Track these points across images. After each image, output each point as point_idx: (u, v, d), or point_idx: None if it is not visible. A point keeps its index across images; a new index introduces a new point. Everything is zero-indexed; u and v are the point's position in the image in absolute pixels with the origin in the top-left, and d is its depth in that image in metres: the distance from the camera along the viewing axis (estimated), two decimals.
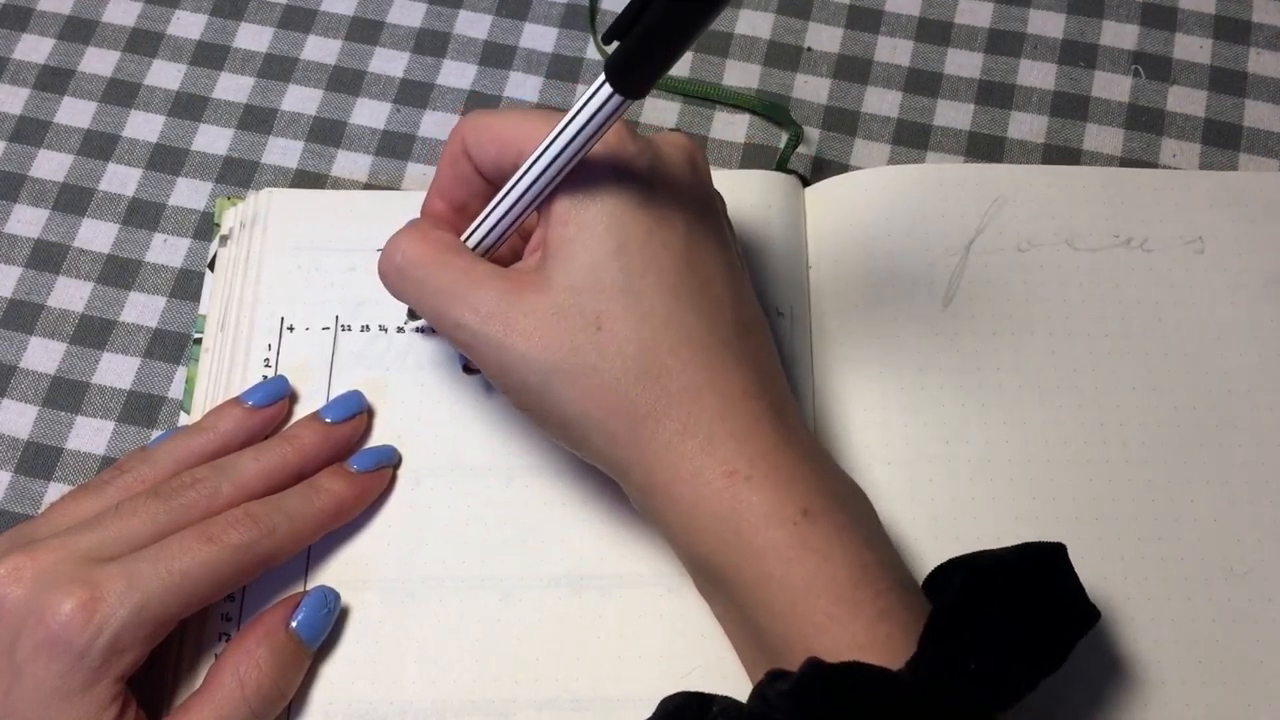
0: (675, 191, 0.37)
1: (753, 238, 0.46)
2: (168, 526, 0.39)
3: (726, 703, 0.35)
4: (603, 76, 0.33)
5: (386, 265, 0.38)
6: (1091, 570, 0.41)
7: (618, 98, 0.33)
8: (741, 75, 0.52)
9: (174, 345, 0.48)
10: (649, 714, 0.35)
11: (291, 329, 0.46)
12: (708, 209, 0.38)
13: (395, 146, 0.51)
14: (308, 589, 0.41)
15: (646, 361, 0.35)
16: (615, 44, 0.32)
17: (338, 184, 0.51)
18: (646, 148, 0.36)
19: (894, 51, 0.52)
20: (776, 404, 0.36)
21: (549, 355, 0.35)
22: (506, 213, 0.37)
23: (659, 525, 0.36)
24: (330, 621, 0.41)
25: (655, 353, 0.35)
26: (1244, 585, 0.41)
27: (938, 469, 0.43)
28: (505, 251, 0.39)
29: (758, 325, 0.38)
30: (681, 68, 0.52)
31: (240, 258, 0.47)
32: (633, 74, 0.32)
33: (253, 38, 0.54)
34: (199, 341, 0.47)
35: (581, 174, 0.35)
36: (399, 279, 0.38)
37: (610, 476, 0.38)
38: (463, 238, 0.38)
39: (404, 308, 0.45)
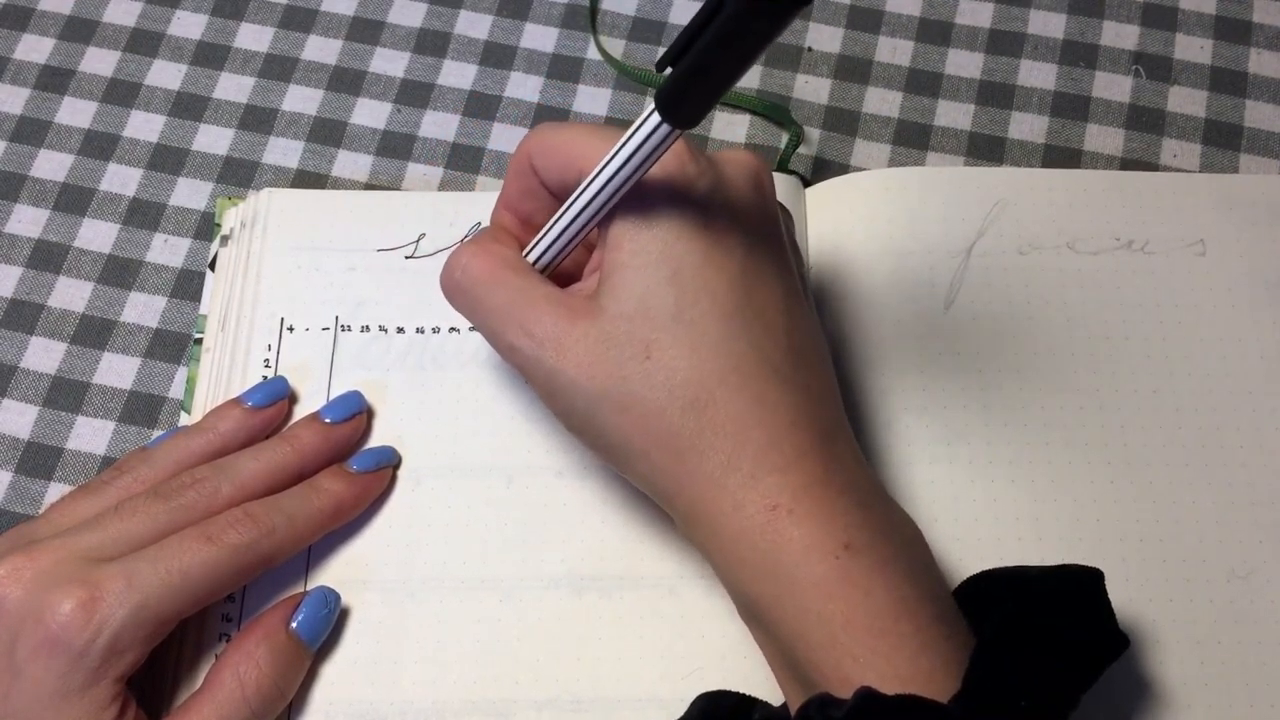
0: (735, 214, 0.35)
1: None
2: (167, 527, 0.39)
3: (768, 711, 0.35)
4: (652, 105, 0.32)
5: (447, 280, 0.38)
6: None
7: (666, 127, 0.32)
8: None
9: (174, 345, 0.48)
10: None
11: (291, 329, 0.46)
12: (769, 231, 0.37)
13: (396, 146, 0.51)
14: (308, 589, 0.41)
15: (694, 392, 0.34)
16: (668, 72, 0.31)
17: (338, 184, 0.51)
18: (708, 169, 0.35)
19: (894, 52, 0.52)
20: (826, 433, 0.35)
21: (597, 383, 0.35)
22: (564, 232, 0.36)
23: (702, 553, 0.36)
24: (330, 622, 0.41)
25: (703, 383, 0.34)
26: (1245, 587, 0.41)
27: (938, 470, 0.43)
28: (569, 264, 0.39)
29: (814, 351, 0.37)
30: None
31: (241, 258, 0.47)
32: (683, 104, 0.31)
33: (253, 38, 0.54)
34: (199, 341, 0.47)
35: (639, 197, 0.34)
36: (457, 294, 0.38)
37: (655, 501, 0.37)
38: (524, 252, 0.38)
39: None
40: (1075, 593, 0.36)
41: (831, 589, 0.33)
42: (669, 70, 0.31)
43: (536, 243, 0.38)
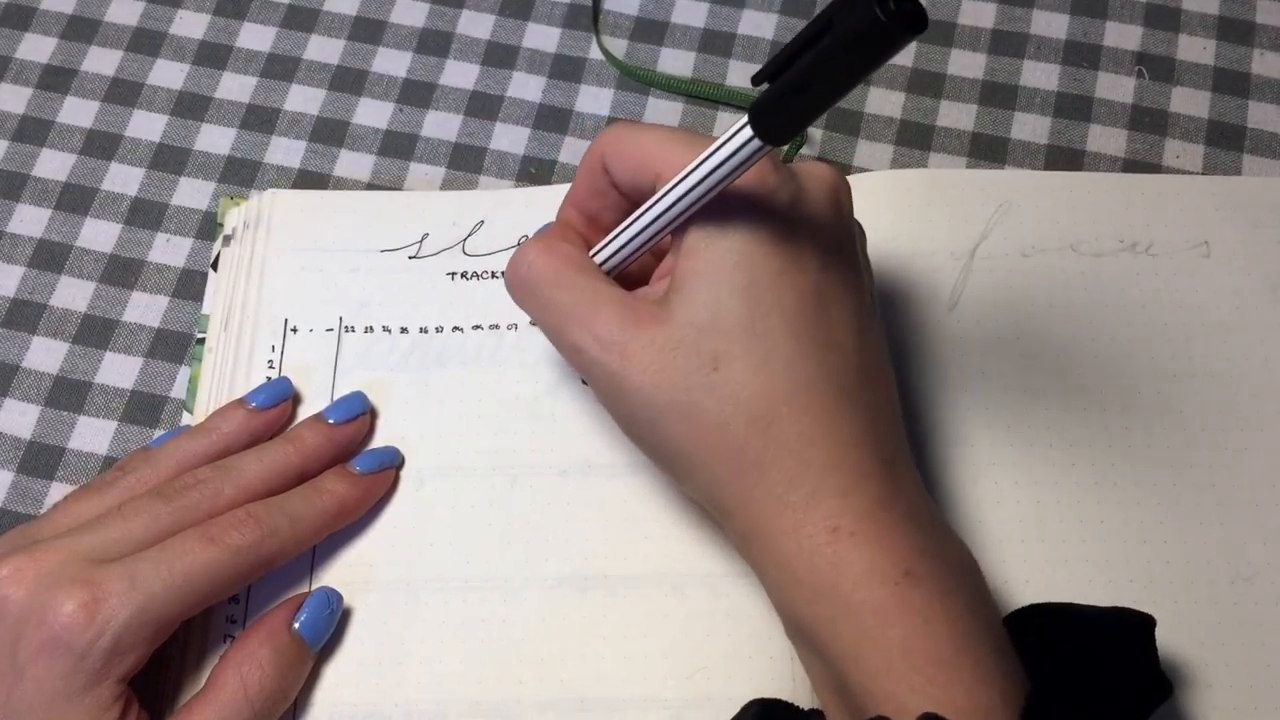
0: (813, 229, 0.35)
1: None
2: (170, 527, 0.38)
3: None
4: (745, 119, 0.31)
5: (512, 276, 0.38)
6: (1096, 575, 0.42)
7: (757, 142, 0.31)
8: (745, 76, 0.52)
9: (176, 345, 0.48)
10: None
11: (295, 330, 0.46)
12: (844, 249, 0.36)
13: (398, 146, 0.51)
14: (311, 590, 0.41)
15: (759, 407, 0.34)
16: (763, 86, 0.30)
17: (340, 184, 0.51)
18: (789, 180, 0.35)
19: None
20: (888, 457, 0.35)
21: (661, 392, 0.34)
22: (636, 236, 0.36)
23: (755, 570, 0.36)
24: (333, 622, 0.41)
25: (769, 399, 0.34)
26: (1250, 589, 0.41)
27: (942, 473, 0.43)
28: (635, 267, 0.38)
29: (880, 372, 0.37)
30: (685, 68, 0.52)
31: (244, 258, 0.47)
32: (779, 121, 0.31)
33: (255, 37, 0.54)
34: (202, 341, 0.47)
35: (717, 205, 0.34)
36: (523, 292, 0.38)
37: (710, 515, 0.37)
38: (592, 252, 0.38)
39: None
40: (1128, 637, 0.36)
41: (890, 615, 0.32)
42: (764, 85, 0.30)
43: (606, 244, 0.37)
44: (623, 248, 0.37)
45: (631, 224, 0.36)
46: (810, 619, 0.34)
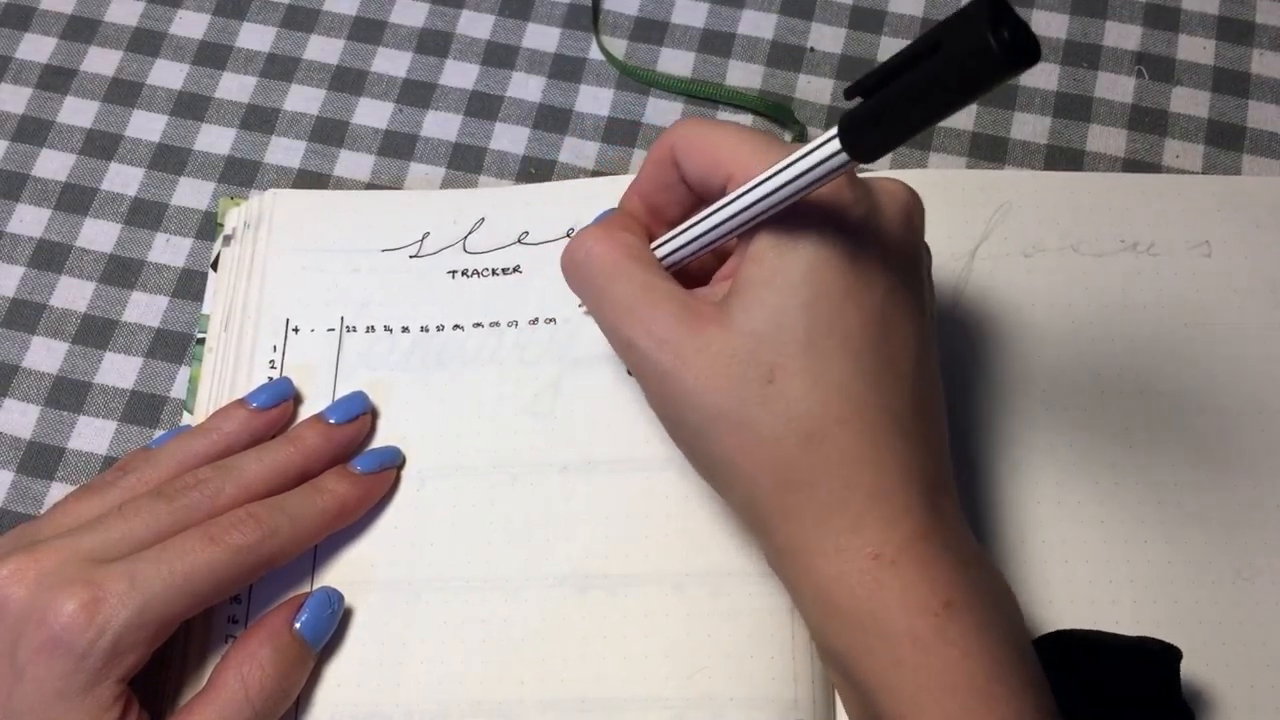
0: (883, 249, 0.34)
1: None
2: (171, 527, 0.38)
3: None
4: (833, 131, 0.30)
5: (569, 260, 0.37)
6: (1096, 574, 0.42)
7: (844, 156, 0.30)
8: (744, 75, 0.52)
9: (176, 345, 0.48)
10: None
11: (296, 330, 0.46)
12: (912, 271, 0.35)
13: (398, 146, 0.51)
14: (312, 590, 0.41)
15: (811, 425, 0.33)
16: (855, 100, 0.29)
17: (340, 184, 0.51)
18: (864, 197, 0.34)
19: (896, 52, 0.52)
20: (935, 486, 0.34)
21: (713, 398, 0.33)
22: (702, 235, 0.35)
23: (789, 588, 0.35)
24: (334, 622, 0.41)
25: (822, 419, 0.33)
26: (1251, 589, 0.41)
27: None
28: (694, 266, 0.37)
29: (934, 401, 0.36)
30: (684, 67, 0.52)
31: (244, 258, 0.47)
32: (871, 138, 0.29)
33: (255, 37, 0.54)
34: (202, 341, 0.47)
35: (788, 215, 0.33)
36: (579, 277, 0.37)
37: (747, 529, 0.36)
38: (653, 245, 0.37)
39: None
40: (1154, 669, 0.36)
41: (929, 645, 0.32)
42: (858, 99, 0.29)
43: (669, 239, 0.36)
44: (686, 245, 0.36)
45: (699, 222, 0.35)
46: (846, 645, 0.33)
